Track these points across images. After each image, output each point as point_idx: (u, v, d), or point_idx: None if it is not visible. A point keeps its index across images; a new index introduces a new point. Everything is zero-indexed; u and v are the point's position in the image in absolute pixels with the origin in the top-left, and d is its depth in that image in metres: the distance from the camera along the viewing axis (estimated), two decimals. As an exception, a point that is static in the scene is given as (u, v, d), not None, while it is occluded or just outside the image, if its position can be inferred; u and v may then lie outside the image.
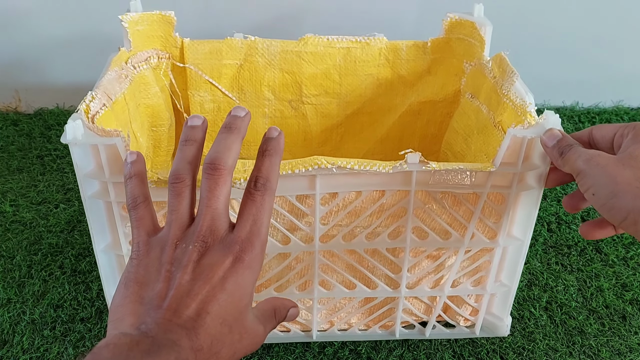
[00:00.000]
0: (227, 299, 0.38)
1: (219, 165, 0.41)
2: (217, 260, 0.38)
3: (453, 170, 0.54)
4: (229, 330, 0.37)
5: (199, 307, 0.37)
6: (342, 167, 0.53)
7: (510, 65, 0.65)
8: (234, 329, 0.38)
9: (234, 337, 0.38)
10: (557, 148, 0.48)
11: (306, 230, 0.58)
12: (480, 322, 0.67)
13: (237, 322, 0.38)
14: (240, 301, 0.39)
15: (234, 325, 0.38)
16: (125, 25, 0.69)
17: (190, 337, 0.35)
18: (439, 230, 0.59)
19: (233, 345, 0.38)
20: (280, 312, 0.44)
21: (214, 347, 0.36)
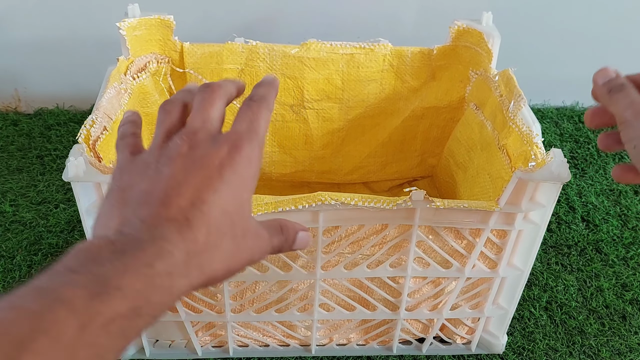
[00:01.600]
0: (226, 189, 0.32)
1: (216, 85, 0.37)
2: (211, 151, 0.33)
3: (458, 209, 0.54)
4: (230, 223, 0.32)
5: (194, 196, 0.31)
6: (345, 204, 0.53)
7: (518, 87, 0.64)
8: (236, 222, 0.32)
9: (236, 231, 0.32)
10: (607, 85, 0.43)
11: (307, 259, 0.59)
12: (476, 340, 0.69)
13: (238, 215, 0.33)
14: (240, 193, 0.33)
15: (235, 217, 0.32)
16: (123, 33, 0.67)
17: (182, 229, 0.30)
18: (440, 260, 0.60)
19: (236, 240, 0.32)
20: (288, 230, 0.38)
21: (211, 237, 0.31)
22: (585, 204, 0.92)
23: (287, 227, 0.38)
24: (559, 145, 1.03)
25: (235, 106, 0.80)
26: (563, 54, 1.07)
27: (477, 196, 0.69)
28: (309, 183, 0.90)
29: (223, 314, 0.63)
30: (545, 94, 1.12)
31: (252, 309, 0.63)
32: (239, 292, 0.62)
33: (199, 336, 0.67)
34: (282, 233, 0.37)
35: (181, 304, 0.62)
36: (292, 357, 0.70)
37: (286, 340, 0.68)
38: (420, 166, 0.88)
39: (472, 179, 0.72)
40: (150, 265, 0.28)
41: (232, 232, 0.32)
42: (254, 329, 0.67)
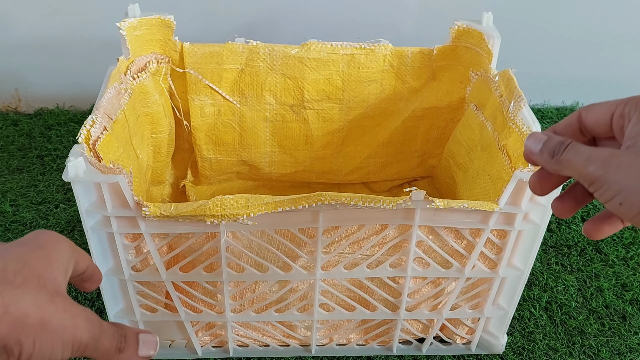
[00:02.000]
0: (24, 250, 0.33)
1: None
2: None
3: (458, 209, 0.54)
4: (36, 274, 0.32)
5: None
6: (345, 204, 0.53)
7: (518, 88, 0.64)
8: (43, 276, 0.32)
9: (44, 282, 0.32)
10: (547, 150, 0.38)
11: (307, 259, 0.59)
12: (476, 340, 0.69)
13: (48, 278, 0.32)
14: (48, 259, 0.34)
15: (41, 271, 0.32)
16: (123, 33, 0.67)
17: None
18: (440, 261, 0.60)
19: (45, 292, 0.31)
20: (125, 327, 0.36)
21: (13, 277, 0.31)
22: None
23: (124, 326, 0.36)
24: (559, 145, 1.03)
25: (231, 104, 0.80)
26: (563, 54, 1.07)
27: (477, 197, 0.69)
28: (309, 183, 0.90)
29: (223, 314, 0.63)
30: (545, 94, 1.12)
31: (252, 309, 0.64)
32: (239, 292, 0.62)
33: (199, 336, 0.67)
34: (115, 326, 0.35)
35: (181, 304, 0.62)
36: (292, 357, 0.70)
37: (286, 340, 0.68)
38: (420, 167, 0.88)
39: (472, 180, 0.72)
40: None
41: (41, 283, 0.31)
42: (254, 329, 0.67)
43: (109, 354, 0.34)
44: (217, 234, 0.56)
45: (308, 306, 0.64)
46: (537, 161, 0.39)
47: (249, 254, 0.58)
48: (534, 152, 0.39)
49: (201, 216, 0.52)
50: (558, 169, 0.38)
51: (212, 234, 0.56)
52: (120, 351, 0.34)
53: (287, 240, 0.57)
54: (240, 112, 0.80)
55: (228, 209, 0.52)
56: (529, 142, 0.39)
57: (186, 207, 0.52)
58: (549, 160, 0.38)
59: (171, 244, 0.59)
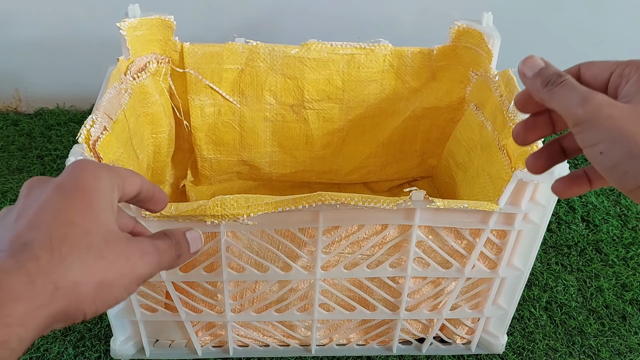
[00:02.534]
0: (65, 200, 0.30)
1: None
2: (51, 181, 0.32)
3: (458, 209, 0.54)
4: (82, 232, 0.30)
5: (29, 222, 0.30)
6: (345, 203, 0.53)
7: (518, 88, 0.64)
8: (91, 231, 0.30)
9: (93, 239, 0.30)
10: (540, 77, 0.36)
11: (308, 259, 0.59)
12: (476, 340, 0.69)
13: (92, 223, 0.31)
14: (90, 205, 0.31)
15: (88, 225, 0.30)
16: (123, 33, 0.67)
17: (15, 254, 0.28)
18: (440, 261, 0.60)
19: (96, 248, 0.30)
20: (173, 233, 0.36)
21: (60, 250, 0.29)
22: (585, 204, 0.92)
23: (172, 231, 0.36)
24: (559, 145, 1.03)
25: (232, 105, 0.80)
26: (563, 54, 1.07)
27: (477, 196, 0.69)
28: (309, 183, 0.90)
29: (223, 314, 0.63)
30: (545, 94, 1.12)
31: (252, 309, 0.64)
32: (239, 292, 0.62)
33: (199, 336, 0.67)
34: (167, 237, 0.35)
35: (181, 304, 0.62)
36: (292, 357, 0.70)
37: (286, 340, 0.68)
38: (420, 166, 0.88)
39: (472, 180, 0.72)
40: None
41: (90, 239, 0.30)
42: (254, 328, 0.67)
43: (170, 265, 0.35)
44: (217, 234, 0.56)
45: (308, 306, 0.64)
46: (526, 85, 0.38)
47: (249, 254, 0.58)
48: (526, 76, 0.37)
49: (201, 216, 0.52)
50: (546, 100, 0.36)
51: (212, 234, 0.56)
52: (179, 257, 0.35)
53: (287, 240, 0.57)
54: (241, 112, 0.80)
55: (228, 209, 0.52)
56: (525, 64, 0.37)
57: (186, 207, 0.52)
58: (539, 88, 0.36)
59: (171, 244, 0.59)
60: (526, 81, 0.37)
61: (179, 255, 0.35)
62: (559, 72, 0.36)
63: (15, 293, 0.27)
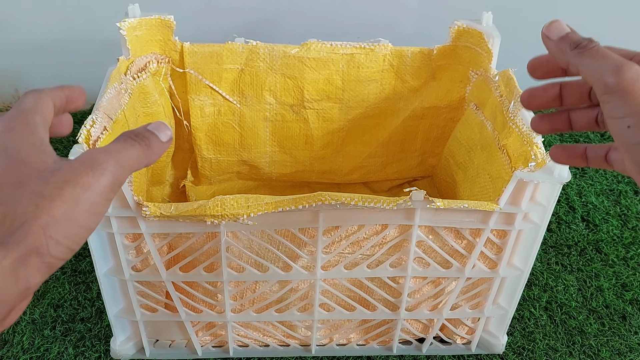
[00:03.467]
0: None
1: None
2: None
3: (458, 209, 0.54)
4: (13, 188, 0.28)
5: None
6: (345, 203, 0.53)
7: (518, 87, 0.64)
8: (23, 180, 0.28)
9: (28, 185, 0.28)
10: (569, 40, 0.34)
11: (308, 259, 0.59)
12: (476, 340, 0.69)
13: (24, 173, 0.29)
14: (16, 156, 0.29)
15: (21, 177, 0.29)
16: (123, 33, 0.67)
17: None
18: (440, 260, 0.60)
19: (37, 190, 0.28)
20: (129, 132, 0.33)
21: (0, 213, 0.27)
22: (585, 204, 0.92)
23: (134, 131, 0.33)
24: (559, 145, 1.03)
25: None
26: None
27: (477, 196, 0.69)
28: (309, 183, 0.90)
29: (223, 314, 0.63)
30: (545, 94, 1.12)
31: (252, 309, 0.64)
32: (239, 292, 0.62)
33: (199, 336, 0.67)
34: (121, 136, 0.32)
35: (181, 304, 0.62)
36: (292, 357, 0.70)
37: (286, 340, 0.68)
38: (420, 166, 0.88)
39: (472, 179, 0.72)
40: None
41: (22, 189, 0.28)
42: (254, 329, 0.67)
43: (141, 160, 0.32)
44: (217, 234, 0.56)
45: (308, 306, 0.64)
46: (550, 49, 0.35)
47: (249, 254, 0.58)
48: (551, 38, 0.35)
49: (201, 216, 0.52)
50: (573, 63, 0.34)
51: (212, 234, 0.56)
52: (148, 147, 0.32)
53: (287, 240, 0.57)
54: (240, 112, 0.80)
55: (228, 209, 0.52)
56: (549, 28, 0.35)
57: (186, 207, 0.52)
58: (566, 51, 0.34)
59: (171, 244, 0.59)
60: (550, 44, 0.35)
61: (148, 145, 0.32)
62: (588, 37, 0.34)
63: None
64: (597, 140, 1.04)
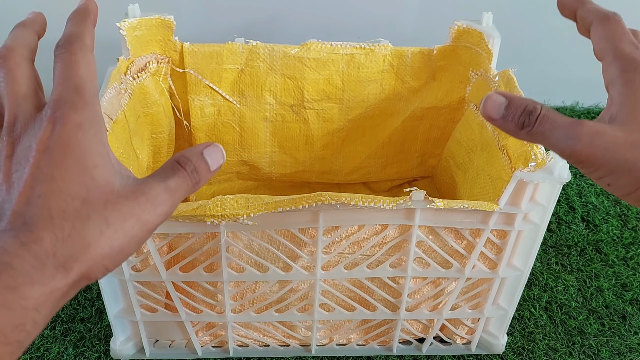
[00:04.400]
0: (60, 170, 0.28)
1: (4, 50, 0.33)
2: (33, 139, 0.29)
3: (458, 209, 0.54)
4: (82, 201, 0.28)
5: (25, 196, 0.28)
6: (345, 204, 0.53)
7: (518, 88, 0.64)
8: (90, 197, 0.28)
9: (94, 205, 0.28)
10: (513, 118, 0.32)
11: (308, 259, 0.59)
12: (476, 341, 0.69)
13: (90, 188, 0.28)
14: (83, 165, 0.29)
15: (87, 193, 0.28)
16: (123, 33, 0.67)
17: (19, 235, 0.27)
18: (440, 261, 0.60)
19: (101, 213, 0.28)
20: (187, 158, 0.33)
21: (62, 227, 0.27)
22: (585, 204, 0.92)
23: (187, 156, 0.33)
24: (559, 145, 1.03)
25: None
26: (563, 54, 1.06)
27: (477, 197, 0.69)
28: (309, 183, 0.90)
29: (223, 314, 0.63)
30: (545, 94, 1.12)
31: (252, 309, 0.64)
32: (239, 292, 0.62)
33: (199, 336, 0.67)
34: (181, 167, 0.32)
35: (181, 304, 0.62)
36: (292, 357, 0.70)
37: (286, 340, 0.68)
38: (420, 167, 0.88)
39: (472, 180, 0.72)
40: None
41: (90, 209, 0.28)
42: (254, 329, 0.67)
43: (185, 197, 0.33)
44: (217, 234, 0.56)
45: (308, 306, 0.64)
46: (499, 127, 0.34)
47: (249, 254, 0.58)
48: (495, 119, 0.33)
49: (201, 216, 0.52)
50: (530, 141, 0.33)
51: (212, 234, 0.56)
52: (196, 184, 0.33)
53: (287, 241, 0.57)
54: (240, 112, 0.80)
55: (228, 209, 0.52)
56: (485, 107, 0.33)
57: (186, 207, 0.52)
58: (516, 131, 0.33)
59: (171, 244, 0.59)
60: (497, 124, 0.34)
61: (196, 182, 0.33)
62: (527, 106, 0.33)
63: (28, 277, 0.26)
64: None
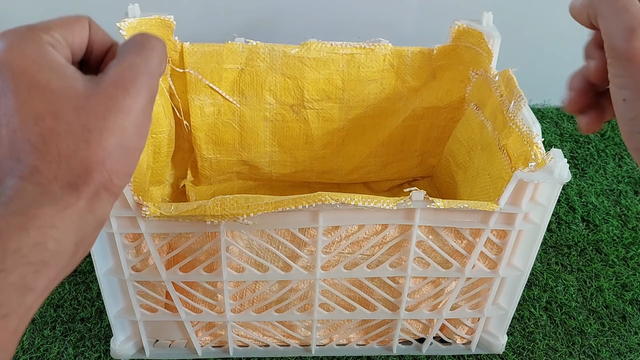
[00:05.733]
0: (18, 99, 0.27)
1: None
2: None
3: (458, 209, 0.54)
4: (53, 120, 0.27)
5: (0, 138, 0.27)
6: (345, 203, 0.53)
7: (518, 87, 0.64)
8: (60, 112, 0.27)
9: (68, 117, 0.27)
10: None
11: (308, 259, 0.59)
12: (476, 340, 0.69)
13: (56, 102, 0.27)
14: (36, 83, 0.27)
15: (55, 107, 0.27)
16: (123, 33, 0.67)
17: (16, 172, 0.26)
18: (440, 261, 0.60)
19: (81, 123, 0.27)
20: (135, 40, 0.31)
21: (53, 152, 0.26)
22: (585, 204, 0.92)
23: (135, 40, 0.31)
24: (559, 145, 1.03)
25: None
26: (563, 54, 1.06)
27: (477, 196, 0.69)
28: (309, 183, 0.90)
29: (223, 314, 0.63)
30: (545, 94, 1.12)
31: (252, 309, 0.64)
32: (239, 292, 0.62)
33: (199, 336, 0.67)
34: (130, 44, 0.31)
35: (181, 304, 0.62)
36: (292, 357, 0.70)
37: (286, 340, 0.68)
38: (420, 166, 0.88)
39: (472, 179, 0.72)
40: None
41: (64, 122, 0.27)
42: (254, 329, 0.67)
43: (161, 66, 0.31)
44: (217, 234, 0.56)
45: (308, 306, 0.64)
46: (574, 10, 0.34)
47: (249, 254, 0.58)
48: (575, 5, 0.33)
49: (201, 216, 0.52)
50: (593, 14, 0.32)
51: (212, 234, 0.56)
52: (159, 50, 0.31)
53: (287, 240, 0.57)
54: (240, 112, 0.80)
55: (228, 209, 0.52)
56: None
57: (186, 207, 0.52)
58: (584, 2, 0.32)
59: (171, 244, 0.59)
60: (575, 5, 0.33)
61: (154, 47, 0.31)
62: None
63: (36, 201, 0.26)
64: (597, 140, 1.04)
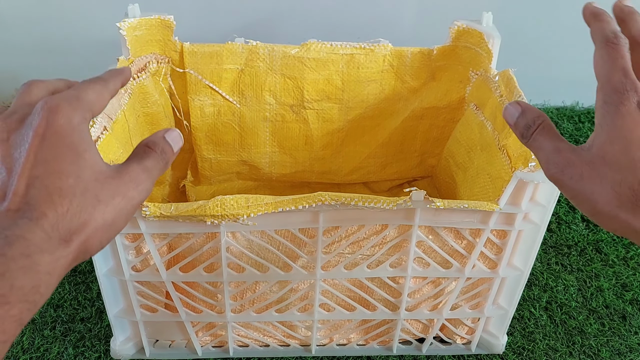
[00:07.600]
0: (51, 154, 0.31)
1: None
2: (29, 127, 0.32)
3: (458, 209, 0.54)
4: (74, 181, 0.31)
5: (24, 178, 0.31)
6: (345, 204, 0.53)
7: (518, 88, 0.64)
8: (80, 176, 0.32)
9: (85, 183, 0.32)
10: (520, 125, 0.37)
11: (308, 259, 0.59)
12: (476, 340, 0.69)
13: (79, 168, 0.32)
14: (73, 148, 0.32)
15: (77, 172, 0.32)
16: (123, 33, 0.67)
17: (26, 214, 0.30)
18: (440, 261, 0.60)
19: (91, 190, 0.32)
20: (155, 142, 0.37)
21: (62, 204, 0.31)
22: (586, 204, 0.91)
23: (153, 140, 0.37)
24: (559, 145, 1.03)
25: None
26: (563, 54, 1.07)
27: (477, 196, 0.69)
28: (309, 183, 0.90)
29: (223, 314, 0.63)
30: (545, 94, 1.12)
31: (253, 309, 0.64)
32: (239, 292, 0.62)
33: (199, 336, 0.67)
34: (151, 149, 0.36)
35: (181, 304, 0.62)
36: (292, 357, 0.70)
37: (286, 340, 0.68)
38: (420, 166, 0.88)
39: (472, 180, 0.72)
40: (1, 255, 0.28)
41: (83, 186, 0.32)
42: (254, 329, 0.67)
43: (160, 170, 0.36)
44: (217, 234, 0.56)
45: (308, 306, 0.64)
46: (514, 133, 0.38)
47: (249, 254, 0.58)
48: (509, 123, 0.38)
49: (201, 216, 0.52)
50: (528, 146, 0.37)
51: (212, 234, 0.56)
52: (166, 164, 0.37)
53: (287, 241, 0.57)
54: (240, 112, 0.80)
55: (228, 209, 0.52)
56: (508, 109, 0.38)
57: (186, 207, 0.52)
58: (520, 139, 0.37)
59: (171, 244, 0.59)
60: (512, 130, 0.38)
61: (166, 162, 0.37)
62: (535, 116, 0.37)
63: (39, 247, 0.29)
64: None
